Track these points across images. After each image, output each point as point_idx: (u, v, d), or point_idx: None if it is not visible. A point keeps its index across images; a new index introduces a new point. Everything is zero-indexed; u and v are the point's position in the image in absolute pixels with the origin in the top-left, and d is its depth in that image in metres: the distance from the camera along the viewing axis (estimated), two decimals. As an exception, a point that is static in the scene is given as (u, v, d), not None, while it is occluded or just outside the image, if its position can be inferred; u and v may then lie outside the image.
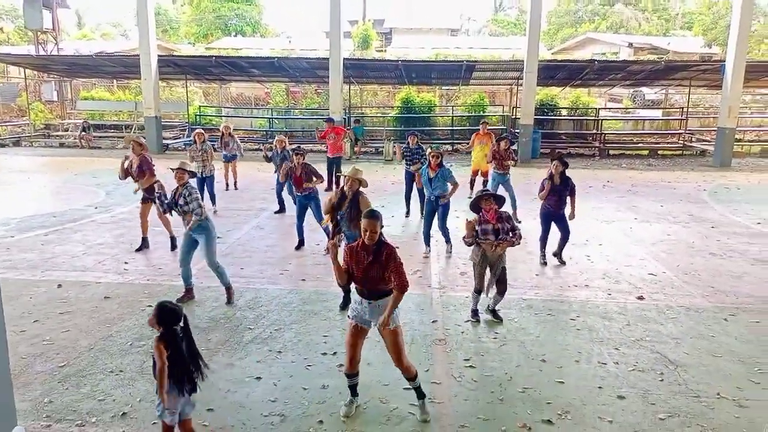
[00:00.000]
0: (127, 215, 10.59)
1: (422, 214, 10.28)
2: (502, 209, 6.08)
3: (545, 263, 8.07)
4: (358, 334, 4.30)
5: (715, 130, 22.26)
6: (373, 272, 4.12)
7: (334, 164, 13.34)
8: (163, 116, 24.55)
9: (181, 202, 6.32)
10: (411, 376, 4.34)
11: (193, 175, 6.63)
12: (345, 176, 6.26)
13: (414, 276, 7.48)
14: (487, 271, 6.02)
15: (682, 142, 21.52)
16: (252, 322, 6.03)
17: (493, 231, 5.89)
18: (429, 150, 8.66)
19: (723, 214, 11.39)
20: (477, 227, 5.94)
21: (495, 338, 5.73)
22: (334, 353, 5.34)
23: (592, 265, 8.10)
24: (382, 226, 4.23)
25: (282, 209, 10.95)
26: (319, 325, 5.97)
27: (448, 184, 8.32)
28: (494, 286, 6.06)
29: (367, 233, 4.10)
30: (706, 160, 19.44)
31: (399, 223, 10.36)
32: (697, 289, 7.17)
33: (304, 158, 8.65)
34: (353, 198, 6.16)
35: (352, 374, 4.39)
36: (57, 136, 22.84)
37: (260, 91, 30.83)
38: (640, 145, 21.94)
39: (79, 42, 37.49)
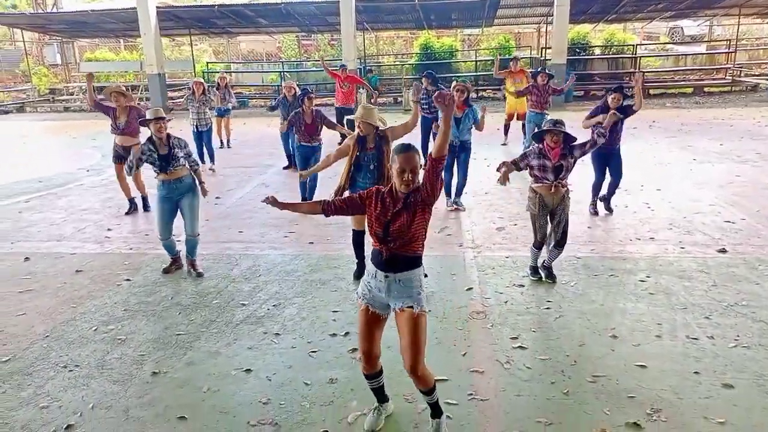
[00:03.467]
0: (120, 177, 9.54)
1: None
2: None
3: (596, 213, 6.81)
4: (372, 321, 3.04)
5: (766, 63, 20.32)
6: (399, 223, 2.85)
7: (343, 116, 11.91)
8: (170, 76, 23.45)
9: (180, 154, 5.21)
10: (427, 389, 3.03)
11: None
12: (356, 120, 4.99)
13: (440, 234, 6.29)
14: (548, 220, 4.89)
15: (730, 77, 19.61)
16: (246, 296, 4.94)
17: (554, 169, 4.69)
18: (453, 83, 7.31)
19: (796, 151, 9.88)
20: (533, 162, 4.77)
21: (548, 308, 4.54)
22: (346, 333, 4.23)
23: (654, 213, 6.80)
24: (422, 166, 2.91)
25: (291, 164, 9.77)
26: (328, 297, 4.85)
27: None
28: (552, 238, 4.91)
29: (405, 175, 2.79)
30: (759, 95, 17.62)
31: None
32: (789, 238, 5.85)
33: (313, 102, 7.44)
34: (378, 144, 4.91)
35: (372, 374, 3.19)
36: (62, 100, 21.87)
37: (271, 45, 29.43)
38: (682, 82, 20.06)
39: (80, 0, 36.16)
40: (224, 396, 3.54)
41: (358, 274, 5.23)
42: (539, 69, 9.65)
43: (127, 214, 7.46)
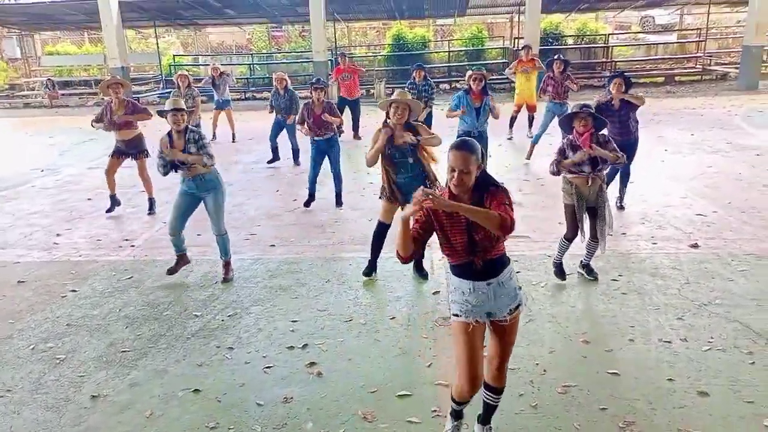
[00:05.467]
0: (76, 177, 9.12)
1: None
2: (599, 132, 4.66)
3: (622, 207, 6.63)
4: (478, 337, 2.69)
5: (735, 52, 20.46)
6: (481, 232, 2.58)
7: (349, 108, 11.29)
8: (135, 69, 22.80)
9: (192, 150, 4.84)
10: (502, 387, 2.84)
11: (189, 114, 5.13)
12: (391, 101, 4.57)
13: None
14: (585, 214, 4.68)
15: (701, 66, 19.69)
16: (200, 306, 4.65)
17: (590, 160, 4.48)
18: (469, 72, 7.01)
19: (766, 140, 9.85)
20: (571, 156, 4.55)
21: (517, 312, 4.34)
22: (304, 346, 3.98)
23: (626, 207, 6.66)
24: (480, 166, 2.62)
25: (276, 158, 9.41)
26: (288, 306, 4.59)
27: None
28: (589, 231, 4.72)
29: (455, 175, 2.54)
30: (729, 84, 17.69)
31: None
32: (762, 231, 5.74)
33: (324, 93, 7.04)
34: (410, 132, 4.56)
35: (466, 401, 2.86)
36: (22, 96, 21.07)
37: (241, 37, 28.81)
38: (654, 72, 20.09)
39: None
40: (168, 421, 3.26)
41: (369, 271, 4.98)
42: (555, 57, 9.08)
43: (107, 211, 7.05)
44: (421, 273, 4.97)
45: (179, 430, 3.18)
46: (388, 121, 4.60)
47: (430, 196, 2.40)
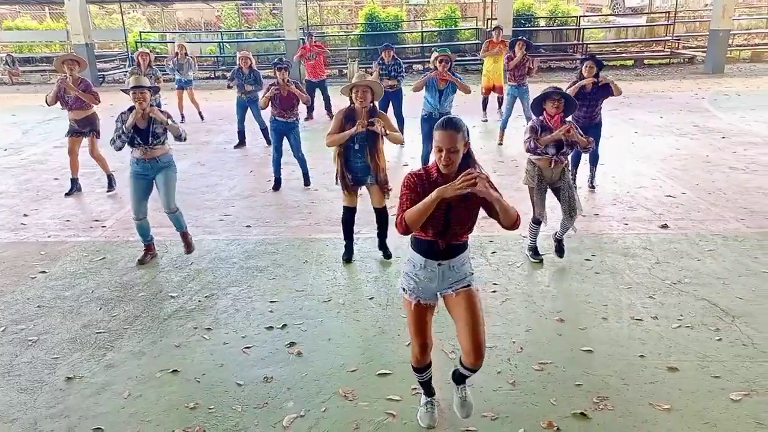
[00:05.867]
0: (40, 157, 8.85)
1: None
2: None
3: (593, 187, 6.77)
4: (425, 313, 2.78)
5: (702, 36, 20.82)
6: (460, 215, 2.60)
7: (316, 89, 11.13)
8: (100, 47, 22.12)
9: (159, 130, 4.72)
10: (479, 367, 2.79)
11: (155, 92, 4.95)
12: (352, 86, 4.52)
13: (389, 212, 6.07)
14: (548, 193, 4.77)
15: (669, 49, 20.01)
16: (176, 287, 4.59)
17: (555, 143, 4.51)
18: (434, 54, 6.96)
19: (731, 123, 10.11)
20: (527, 142, 4.59)
21: (494, 292, 4.40)
22: (283, 326, 3.97)
23: (598, 188, 6.78)
24: (467, 144, 2.61)
25: (242, 143, 9.26)
26: (265, 286, 4.57)
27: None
28: (562, 209, 4.78)
29: (443, 154, 2.52)
30: (696, 67, 18.05)
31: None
32: (728, 212, 5.92)
33: (288, 72, 6.91)
34: (369, 116, 4.53)
35: (424, 366, 2.93)
36: (-21, 72, 20.26)
37: (210, 14, 28.17)
38: (624, 55, 20.35)
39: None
40: (147, 402, 3.24)
41: (348, 257, 4.96)
42: (517, 38, 9.07)
43: (67, 195, 6.89)
44: (385, 252, 5.03)
45: (158, 411, 3.16)
46: (354, 105, 4.55)
47: (480, 179, 2.35)
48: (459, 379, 2.96)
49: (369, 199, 4.91)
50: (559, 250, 4.91)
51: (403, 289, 2.80)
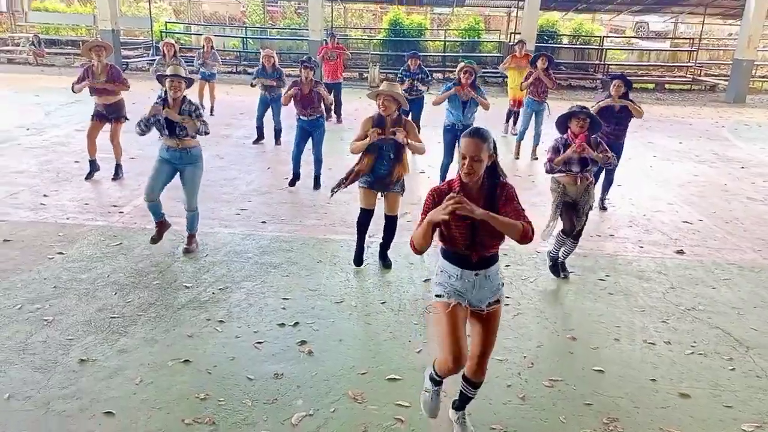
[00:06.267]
0: (63, 138, 8.93)
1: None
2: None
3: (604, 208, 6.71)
4: (461, 317, 2.71)
5: (725, 64, 20.75)
6: (485, 227, 2.56)
7: (331, 92, 10.94)
8: (125, 34, 22.31)
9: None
10: (481, 381, 2.89)
11: (189, 84, 4.95)
12: (377, 93, 4.52)
13: (402, 220, 6.08)
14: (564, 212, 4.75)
15: (691, 75, 19.94)
16: (191, 277, 4.62)
17: (579, 161, 4.53)
18: (460, 64, 6.96)
19: (751, 154, 10.07)
20: (546, 164, 4.65)
21: (506, 305, 4.39)
22: (295, 324, 3.99)
23: (615, 210, 6.76)
24: (492, 156, 2.64)
25: (261, 137, 9.32)
26: (279, 283, 4.59)
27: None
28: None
29: (466, 162, 2.54)
30: (717, 95, 17.97)
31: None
32: (744, 242, 5.89)
33: (314, 72, 6.94)
34: (393, 125, 4.52)
35: (447, 376, 2.86)
36: (5, 51, 20.50)
37: (236, 9, 28.38)
38: (645, 78, 20.30)
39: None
40: (158, 389, 3.26)
41: (359, 260, 4.93)
42: (540, 53, 9.07)
43: (86, 178, 6.95)
44: (384, 262, 4.99)
45: (169, 399, 3.18)
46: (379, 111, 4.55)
47: (462, 204, 2.38)
48: (460, 405, 3.00)
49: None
50: (563, 271, 4.90)
51: (438, 295, 2.76)
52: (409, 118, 8.90)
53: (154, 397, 3.19)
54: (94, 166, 7.03)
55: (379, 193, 4.81)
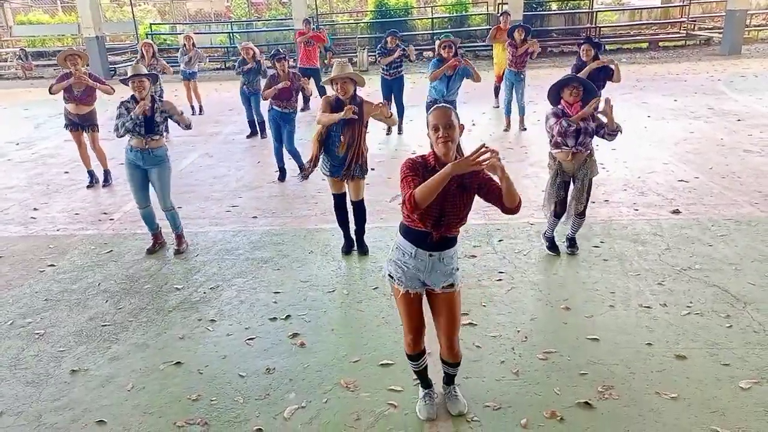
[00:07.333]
0: (52, 150, 8.92)
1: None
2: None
3: None
4: (415, 301, 2.77)
5: (719, 16, 20.35)
6: (455, 205, 2.57)
7: (310, 78, 11.16)
8: (111, 40, 22.18)
9: (158, 119, 4.77)
10: (457, 362, 2.94)
11: (154, 80, 4.95)
12: (332, 79, 4.41)
13: (393, 203, 6.03)
14: (571, 187, 4.58)
15: (684, 30, 19.60)
16: (182, 278, 4.60)
17: (574, 133, 4.30)
18: (438, 41, 6.86)
19: (747, 105, 9.89)
20: (555, 126, 4.34)
21: (500, 280, 4.35)
22: (287, 317, 3.97)
23: (609, 174, 6.66)
24: (462, 126, 2.65)
25: (254, 132, 9.26)
26: (270, 278, 4.56)
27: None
28: (572, 207, 4.59)
29: (440, 132, 2.50)
30: (712, 49, 17.68)
31: (377, 139, 8.71)
32: (741, 196, 5.79)
33: (287, 63, 6.86)
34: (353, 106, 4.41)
35: (418, 354, 2.92)
36: (-7, 67, 20.47)
37: (220, 5, 28.14)
38: (638, 37, 19.99)
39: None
40: (150, 394, 3.25)
41: (347, 248, 4.91)
42: (517, 24, 8.94)
43: (88, 187, 6.98)
44: (362, 248, 4.94)
45: (161, 403, 3.17)
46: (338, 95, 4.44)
47: (494, 155, 2.32)
48: (448, 381, 3.03)
49: (369, 191, 4.83)
50: (572, 247, 4.78)
51: (390, 276, 2.79)
52: (392, 99, 8.86)
53: (146, 402, 3.18)
54: (92, 177, 7.06)
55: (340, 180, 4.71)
